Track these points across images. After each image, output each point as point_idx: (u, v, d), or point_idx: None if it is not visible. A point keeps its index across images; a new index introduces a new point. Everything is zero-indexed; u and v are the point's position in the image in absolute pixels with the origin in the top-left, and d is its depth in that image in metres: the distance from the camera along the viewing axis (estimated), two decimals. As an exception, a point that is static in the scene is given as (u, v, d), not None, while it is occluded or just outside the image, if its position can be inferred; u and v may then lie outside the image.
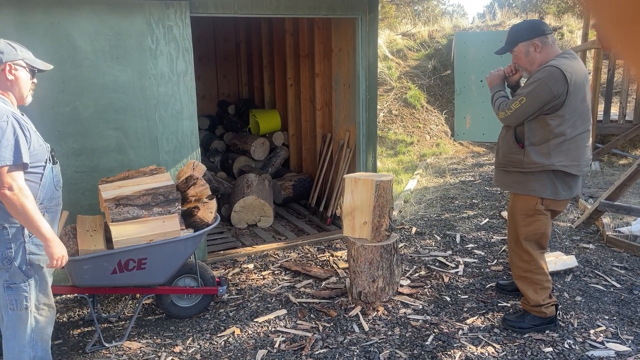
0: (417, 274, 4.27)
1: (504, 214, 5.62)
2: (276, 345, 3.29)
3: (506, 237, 4.97)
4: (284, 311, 3.72)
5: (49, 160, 2.65)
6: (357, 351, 3.19)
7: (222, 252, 4.88)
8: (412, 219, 5.66)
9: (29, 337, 2.66)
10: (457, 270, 4.31)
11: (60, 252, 2.56)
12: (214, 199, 3.54)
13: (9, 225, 2.53)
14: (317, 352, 3.19)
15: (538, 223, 3.22)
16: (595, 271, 4.19)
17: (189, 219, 3.42)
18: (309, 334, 3.40)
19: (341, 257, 4.68)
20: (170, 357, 3.20)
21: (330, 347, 3.25)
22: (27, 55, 2.61)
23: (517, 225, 3.29)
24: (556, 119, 3.01)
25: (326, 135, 6.04)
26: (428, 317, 3.57)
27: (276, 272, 4.42)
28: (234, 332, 3.47)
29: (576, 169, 3.09)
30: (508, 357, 3.10)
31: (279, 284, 4.17)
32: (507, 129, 3.25)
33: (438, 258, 4.58)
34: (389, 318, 3.57)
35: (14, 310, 2.61)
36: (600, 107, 7.60)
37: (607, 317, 3.51)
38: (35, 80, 2.69)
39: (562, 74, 2.93)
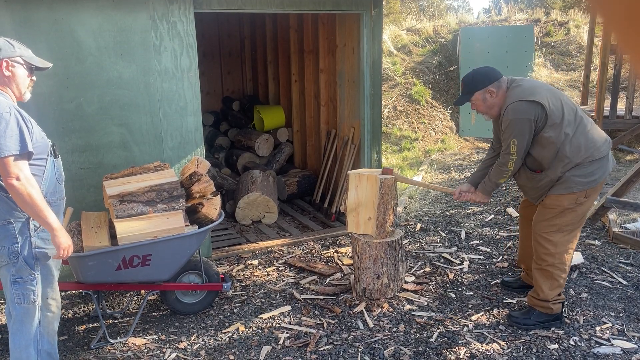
0: (421, 271, 4.26)
1: (510, 210, 5.60)
2: (280, 342, 3.29)
3: (511, 234, 4.95)
4: (288, 307, 3.72)
5: (51, 153, 2.66)
6: (362, 348, 3.19)
7: (226, 248, 4.88)
8: (416, 215, 5.65)
9: (36, 331, 2.68)
10: (462, 266, 4.30)
11: (67, 242, 2.58)
12: (218, 195, 3.53)
13: (15, 220, 2.55)
14: (321, 349, 3.19)
15: (572, 214, 3.24)
16: (602, 268, 4.17)
17: (193, 215, 3.42)
18: (314, 331, 3.40)
19: (346, 253, 4.67)
20: (175, 353, 3.21)
21: (335, 343, 3.25)
22: (26, 52, 2.63)
23: (550, 219, 3.29)
24: (550, 130, 3.14)
25: (330, 131, 6.03)
26: (433, 314, 3.56)
27: (280, 268, 4.42)
28: (238, 328, 3.48)
29: (598, 153, 3.17)
30: (513, 354, 3.09)
31: (283, 281, 4.17)
32: (518, 172, 3.38)
33: (443, 254, 4.56)
34: (393, 315, 3.56)
35: (22, 304, 2.63)
36: (607, 103, 7.54)
37: (613, 314, 3.49)
38: (34, 77, 2.71)
39: (526, 101, 3.13)
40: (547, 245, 3.29)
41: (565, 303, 3.55)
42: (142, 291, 3.91)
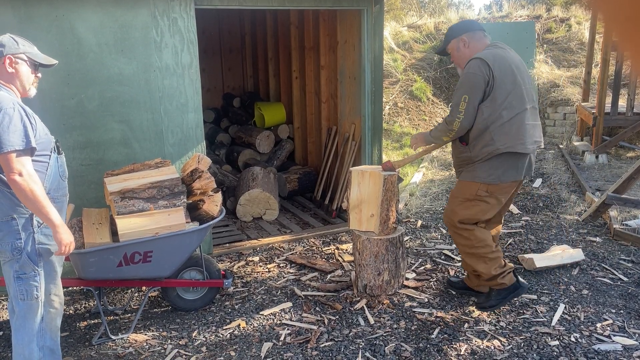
0: (422, 267, 4.26)
1: (510, 207, 5.60)
2: (282, 338, 3.30)
3: (512, 231, 4.96)
4: (289, 304, 3.73)
5: (54, 150, 2.67)
6: (363, 344, 3.19)
7: (227, 245, 4.89)
8: (417, 212, 5.65)
9: (39, 327, 2.69)
10: (462, 263, 4.30)
11: (69, 238, 2.58)
12: (219, 192, 3.54)
13: (18, 216, 2.55)
14: (322, 345, 3.20)
15: (476, 208, 3.29)
16: (602, 264, 4.17)
17: (194, 212, 3.42)
18: (315, 327, 3.40)
19: (346, 250, 4.67)
20: (176, 350, 3.21)
21: (336, 340, 3.26)
22: (30, 49, 2.64)
23: (454, 208, 3.38)
24: (490, 104, 3.12)
25: (331, 128, 6.02)
26: (434, 310, 3.56)
27: (281, 265, 4.43)
28: (239, 324, 3.48)
29: (522, 147, 3.14)
30: (514, 350, 3.09)
31: (284, 277, 4.18)
32: None
33: (444, 251, 4.56)
34: (394, 311, 3.57)
35: (25, 300, 2.64)
36: (608, 100, 7.53)
37: (614, 311, 3.49)
38: (39, 74, 2.72)
39: (484, 62, 3.10)
40: (460, 232, 3.38)
41: (514, 270, 3.59)
42: (144, 287, 3.91)
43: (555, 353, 3.05)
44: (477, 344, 3.17)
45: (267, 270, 4.33)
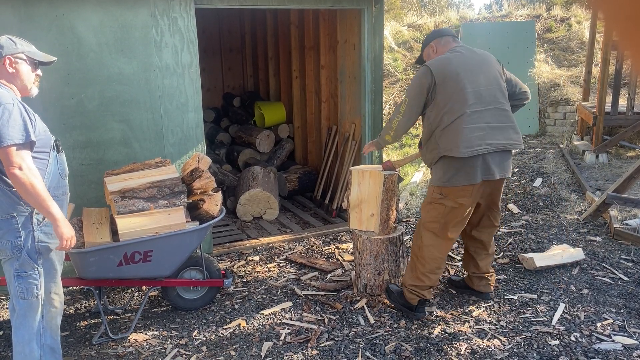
0: (422, 267, 4.26)
1: (510, 206, 5.60)
2: (282, 338, 3.30)
3: (512, 230, 4.96)
4: (289, 303, 3.73)
5: (54, 148, 2.67)
6: (363, 343, 3.19)
7: (227, 244, 4.89)
8: (417, 211, 5.64)
9: (39, 326, 2.69)
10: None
11: (70, 232, 2.58)
12: (220, 191, 3.54)
13: (18, 214, 2.56)
14: (322, 345, 3.20)
15: (435, 212, 3.31)
16: (602, 264, 4.17)
17: (194, 211, 3.42)
18: (315, 327, 3.40)
19: (347, 249, 4.67)
20: (177, 349, 3.22)
21: (336, 339, 3.26)
22: (28, 48, 2.66)
23: (421, 211, 3.47)
24: (433, 109, 3.21)
25: (331, 127, 6.02)
26: (434, 310, 3.56)
27: (282, 264, 4.43)
28: (239, 324, 3.48)
29: (456, 151, 3.14)
30: (514, 350, 3.09)
31: (284, 277, 4.18)
32: None
33: (444, 251, 4.56)
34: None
35: (25, 298, 2.64)
36: (608, 99, 7.52)
37: (614, 310, 3.49)
38: (39, 72, 2.74)
39: (429, 68, 3.21)
40: (418, 235, 3.42)
41: (427, 304, 3.51)
42: (144, 287, 3.92)
43: (555, 352, 3.05)
44: (477, 343, 3.17)
45: (267, 269, 4.33)
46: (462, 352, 3.08)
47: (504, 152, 3.25)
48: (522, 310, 3.52)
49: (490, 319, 3.44)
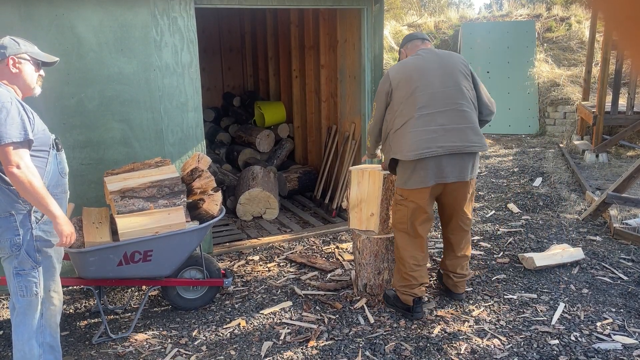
0: (422, 266, 4.26)
1: (510, 206, 5.60)
2: (282, 337, 3.30)
3: (512, 230, 4.96)
4: (289, 303, 3.73)
5: (53, 147, 2.68)
6: (363, 343, 3.19)
7: (227, 244, 4.89)
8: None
9: (38, 324, 2.70)
10: (462, 262, 4.30)
11: (69, 229, 2.59)
12: (219, 191, 3.54)
13: (16, 212, 2.57)
14: (322, 344, 3.20)
15: (400, 213, 3.38)
16: (602, 263, 4.17)
17: (194, 211, 3.42)
18: (315, 326, 3.41)
19: (346, 249, 4.67)
20: (176, 349, 3.22)
21: (336, 339, 3.26)
22: (31, 49, 2.68)
23: (391, 212, 3.55)
24: (389, 113, 3.31)
25: (331, 127, 6.02)
26: (433, 309, 3.56)
27: (281, 264, 4.43)
28: (239, 323, 3.48)
29: (401, 154, 3.20)
30: (514, 349, 3.10)
31: (284, 276, 4.18)
32: None
33: (444, 250, 4.56)
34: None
35: (24, 297, 2.65)
36: (608, 99, 7.53)
37: (614, 310, 3.49)
38: (42, 73, 2.76)
39: (387, 74, 3.34)
40: (395, 238, 3.48)
41: (423, 303, 3.51)
42: (144, 287, 3.92)
43: (555, 352, 3.06)
44: (477, 342, 3.17)
45: (267, 269, 4.33)
46: (461, 352, 3.08)
47: (463, 155, 3.17)
48: (521, 310, 3.53)
49: (490, 318, 3.44)
